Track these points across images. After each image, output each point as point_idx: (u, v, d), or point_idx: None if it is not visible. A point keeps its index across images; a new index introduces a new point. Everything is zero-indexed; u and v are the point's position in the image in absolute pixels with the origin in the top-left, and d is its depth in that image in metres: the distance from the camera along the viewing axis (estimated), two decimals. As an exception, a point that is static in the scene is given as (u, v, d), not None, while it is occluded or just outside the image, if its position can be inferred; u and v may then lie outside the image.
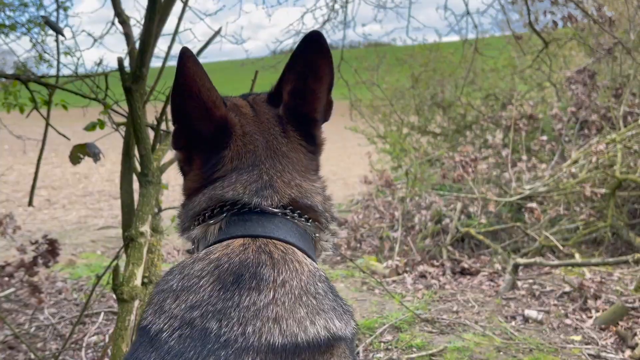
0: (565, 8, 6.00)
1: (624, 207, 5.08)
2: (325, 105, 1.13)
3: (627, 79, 5.90)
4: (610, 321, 3.45)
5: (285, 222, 1.02)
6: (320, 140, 1.16)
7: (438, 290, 4.32)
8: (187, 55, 0.99)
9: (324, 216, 1.11)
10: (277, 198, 1.04)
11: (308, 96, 1.09)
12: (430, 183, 6.27)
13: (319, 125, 1.14)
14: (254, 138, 1.08)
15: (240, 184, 1.04)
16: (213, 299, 0.88)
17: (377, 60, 8.86)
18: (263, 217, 1.01)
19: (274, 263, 0.93)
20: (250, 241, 0.97)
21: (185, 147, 1.11)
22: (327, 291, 0.95)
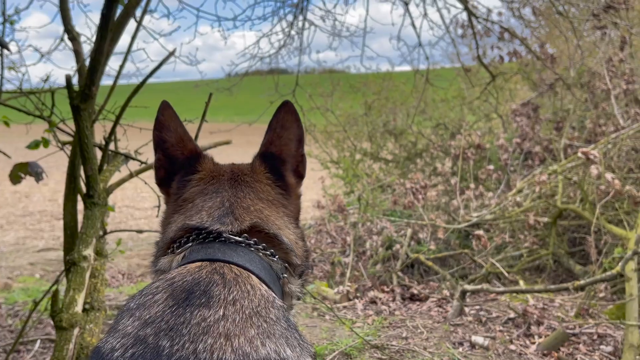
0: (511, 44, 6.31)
1: (565, 236, 5.30)
2: (297, 157, 1.25)
3: (567, 113, 6.22)
4: (552, 347, 3.55)
5: (248, 252, 1.05)
6: (290, 181, 1.24)
7: (388, 316, 4.34)
8: (166, 104, 1.25)
9: (295, 259, 1.13)
10: (237, 224, 1.09)
11: (276, 141, 1.24)
12: (381, 209, 6.35)
13: (287, 165, 1.24)
14: (223, 169, 1.23)
15: (205, 211, 1.12)
16: (166, 315, 0.89)
17: (331, 86, 8.99)
18: (225, 245, 1.05)
19: (225, 282, 0.95)
20: (207, 264, 1.00)
21: (165, 178, 1.27)
22: (280, 318, 0.95)
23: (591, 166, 4.32)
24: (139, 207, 10.38)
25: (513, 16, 5.84)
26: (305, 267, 1.19)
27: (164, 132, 1.25)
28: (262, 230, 1.10)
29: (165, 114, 1.24)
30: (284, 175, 1.23)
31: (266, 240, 1.10)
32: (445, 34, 5.94)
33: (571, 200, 4.92)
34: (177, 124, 1.25)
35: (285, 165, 1.24)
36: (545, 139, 5.90)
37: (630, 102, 5.38)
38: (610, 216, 4.59)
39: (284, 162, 1.24)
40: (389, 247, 5.45)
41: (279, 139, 1.23)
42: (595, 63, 6.05)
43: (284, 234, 1.13)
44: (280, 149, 1.24)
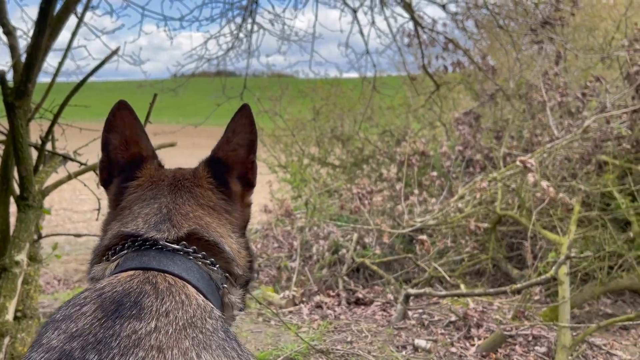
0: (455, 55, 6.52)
1: (503, 241, 5.50)
2: (246, 163, 1.21)
3: (506, 123, 6.48)
4: (490, 349, 3.67)
5: (185, 260, 1.01)
6: (235, 189, 1.19)
7: (333, 321, 4.36)
8: (122, 105, 1.20)
9: (237, 269, 1.09)
10: (175, 231, 1.04)
11: (224, 145, 1.21)
12: (328, 213, 6.39)
13: (233, 172, 1.20)
14: (164, 175, 1.19)
15: (141, 218, 1.07)
16: (94, 327, 0.84)
17: (280, 90, 8.98)
18: (160, 253, 1.00)
19: (157, 293, 0.91)
20: (140, 273, 0.96)
21: (107, 181, 1.24)
22: (217, 329, 0.92)
23: (528, 174, 4.51)
24: (77, 209, 9.97)
25: (457, 28, 6.04)
26: (248, 277, 1.15)
27: (111, 133, 1.21)
28: (201, 238, 1.06)
29: (116, 115, 1.20)
30: (228, 182, 1.19)
31: (206, 248, 1.06)
32: (392, 42, 6.07)
33: (509, 206, 5.12)
34: (128, 126, 1.20)
35: (231, 171, 1.20)
36: (486, 147, 6.11)
37: (564, 114, 5.66)
38: (545, 222, 4.81)
39: (230, 168, 1.20)
40: (335, 251, 5.48)
41: (228, 144, 1.20)
42: (533, 76, 6.35)
43: (226, 242, 1.09)
44: (227, 154, 1.20)
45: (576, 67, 7.07)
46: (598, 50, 6.94)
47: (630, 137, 4.89)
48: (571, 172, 5.09)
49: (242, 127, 1.18)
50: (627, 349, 3.83)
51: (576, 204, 4.61)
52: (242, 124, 1.18)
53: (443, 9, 5.66)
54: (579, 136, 5.03)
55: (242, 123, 1.18)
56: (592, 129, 5.07)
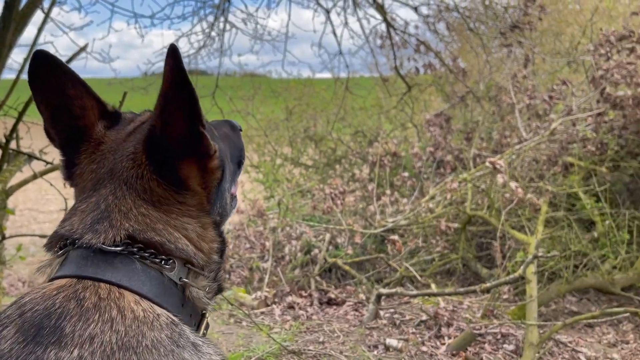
0: (427, 56, 6.60)
1: (473, 241, 5.59)
2: (190, 136, 0.94)
3: (476, 125, 6.59)
4: (460, 347, 3.72)
5: (127, 263, 0.88)
6: (186, 172, 0.96)
7: (305, 321, 4.36)
8: (40, 54, 0.97)
9: (198, 259, 0.96)
10: (112, 233, 0.91)
11: (158, 118, 0.94)
12: (301, 214, 6.38)
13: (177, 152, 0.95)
14: (105, 156, 0.98)
15: (77, 215, 0.94)
16: (14, 352, 0.75)
17: (252, 90, 8.93)
18: (98, 258, 0.88)
19: (81, 313, 0.80)
20: (72, 283, 0.85)
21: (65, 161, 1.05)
22: (161, 342, 0.82)
23: (497, 175, 4.60)
24: (43, 210, 9.73)
25: (429, 30, 6.12)
26: (218, 263, 1.02)
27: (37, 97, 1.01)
28: (146, 237, 0.92)
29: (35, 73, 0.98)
30: (176, 167, 0.96)
31: (153, 246, 0.92)
32: (364, 43, 6.11)
33: (479, 207, 5.20)
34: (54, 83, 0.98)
35: (176, 151, 0.95)
36: (456, 149, 6.20)
37: (532, 116, 5.79)
38: (513, 222, 4.91)
39: (173, 149, 0.95)
40: (307, 252, 5.48)
41: (162, 116, 0.93)
42: (502, 78, 6.47)
43: (180, 235, 0.95)
44: (165, 129, 0.93)
45: (544, 71, 7.24)
46: (564, 55, 7.12)
47: (595, 140, 5.03)
48: (539, 173, 5.21)
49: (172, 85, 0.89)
50: (592, 346, 3.93)
51: (543, 205, 4.72)
52: (171, 81, 0.88)
53: (415, 11, 5.73)
54: (546, 138, 5.15)
55: (170, 80, 0.88)
56: (559, 132, 5.19)
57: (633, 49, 5.20)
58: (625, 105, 4.96)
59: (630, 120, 5.03)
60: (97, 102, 1.04)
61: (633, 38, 5.26)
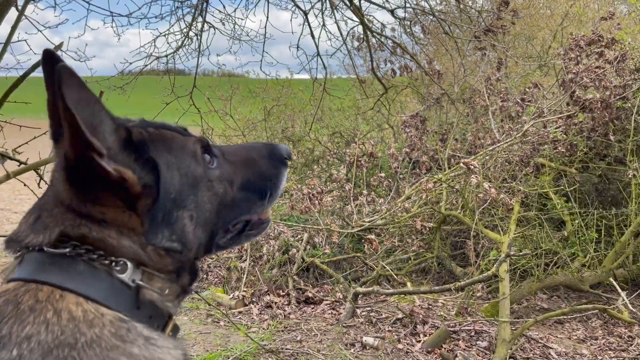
0: (403, 59, 6.68)
1: (448, 240, 5.69)
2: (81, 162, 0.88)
3: (451, 126, 6.70)
4: (435, 344, 3.80)
5: (74, 264, 0.88)
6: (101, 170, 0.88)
7: (283, 320, 4.38)
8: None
9: (147, 258, 0.93)
10: (49, 234, 0.90)
11: None
12: (279, 213, 6.40)
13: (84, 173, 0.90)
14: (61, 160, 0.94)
15: (25, 218, 0.94)
16: None
17: (230, 90, 8.92)
18: (47, 259, 0.88)
19: (17, 315, 0.81)
20: (17, 287, 0.86)
21: None
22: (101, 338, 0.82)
23: (471, 176, 4.69)
24: (16, 210, 9.53)
25: (405, 33, 6.19)
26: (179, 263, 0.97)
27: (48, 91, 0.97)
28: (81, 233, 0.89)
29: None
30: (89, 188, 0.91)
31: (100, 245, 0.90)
32: (342, 45, 6.14)
33: (454, 206, 5.30)
34: None
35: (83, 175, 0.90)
36: (432, 149, 6.30)
37: (505, 118, 5.92)
38: (487, 222, 5.01)
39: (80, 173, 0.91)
40: (285, 251, 5.50)
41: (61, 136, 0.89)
42: (476, 81, 6.60)
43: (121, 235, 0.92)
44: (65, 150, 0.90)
45: (516, 74, 7.40)
46: (536, 58, 7.30)
47: (565, 141, 5.17)
48: (511, 174, 5.33)
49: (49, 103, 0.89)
50: (562, 342, 4.05)
51: (516, 204, 4.83)
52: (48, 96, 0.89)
53: (392, 14, 5.79)
54: (519, 140, 5.27)
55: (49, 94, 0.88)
56: (531, 133, 5.32)
57: (601, 53, 5.37)
58: (594, 108, 5.11)
59: (599, 123, 5.19)
60: None
61: (602, 43, 5.42)
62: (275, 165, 1.15)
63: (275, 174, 1.14)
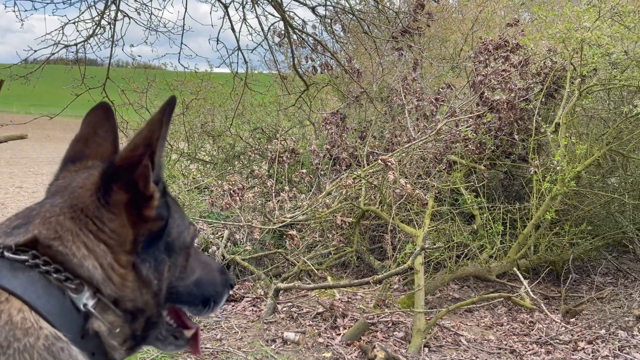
0: (324, 56, 6.76)
1: (367, 234, 5.84)
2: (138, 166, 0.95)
3: (370, 124, 6.87)
4: (354, 337, 3.89)
5: (29, 272, 0.85)
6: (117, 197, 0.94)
7: (202, 319, 4.30)
8: None
9: (107, 289, 0.90)
10: (22, 237, 0.88)
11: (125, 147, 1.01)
12: (198, 210, 6.27)
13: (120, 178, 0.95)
14: (72, 175, 1.01)
15: (6, 222, 0.93)
16: None
17: (146, 83, 8.58)
18: (6, 263, 0.86)
19: None
20: None
21: None
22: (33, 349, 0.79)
23: (389, 172, 4.85)
24: None
25: (325, 31, 6.27)
26: (137, 305, 0.94)
27: None
28: (43, 241, 0.87)
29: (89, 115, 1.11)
30: (111, 189, 0.94)
31: (57, 257, 0.87)
32: (263, 40, 6.12)
33: (372, 202, 5.45)
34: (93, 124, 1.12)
35: (119, 177, 0.94)
36: (351, 146, 6.43)
37: (420, 116, 6.16)
38: (403, 216, 5.20)
39: (118, 174, 0.95)
40: (205, 249, 5.40)
41: (128, 144, 0.97)
42: (393, 80, 6.81)
43: (91, 254, 0.90)
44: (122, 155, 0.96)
45: (431, 74, 7.72)
46: (449, 60, 7.66)
47: (475, 140, 5.47)
48: (426, 170, 5.56)
49: (149, 124, 0.94)
50: (471, 329, 4.29)
51: (430, 200, 5.05)
52: (151, 120, 0.94)
53: (312, 11, 5.84)
54: (433, 138, 5.51)
55: (151, 120, 0.94)
56: (444, 132, 5.58)
57: (507, 57, 5.73)
58: (501, 109, 5.46)
59: (505, 123, 5.54)
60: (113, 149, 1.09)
61: (507, 47, 5.79)
62: (224, 283, 1.18)
63: (221, 291, 1.16)
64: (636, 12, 4.94)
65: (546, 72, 5.70)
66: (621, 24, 4.95)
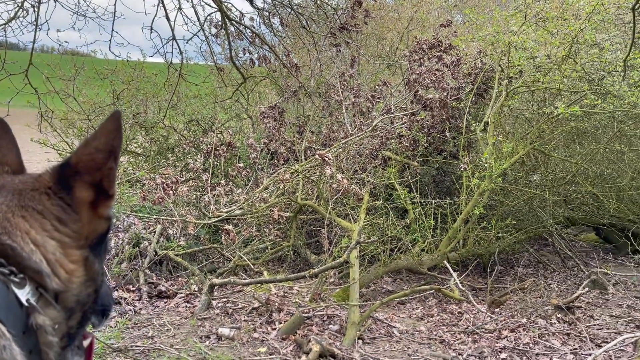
0: (262, 49, 6.69)
1: (303, 229, 5.87)
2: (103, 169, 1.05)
3: (308, 119, 6.89)
4: (290, 331, 3.90)
5: None
6: (80, 195, 1.01)
7: (133, 317, 4.17)
8: None
9: (52, 284, 0.91)
10: None
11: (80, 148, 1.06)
12: (129, 204, 6.05)
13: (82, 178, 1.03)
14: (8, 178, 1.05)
15: None
16: None
17: (74, 70, 8.16)
18: None
19: None
20: None
21: None
22: None
23: (326, 167, 4.89)
24: None
25: (264, 24, 6.20)
26: (82, 300, 0.96)
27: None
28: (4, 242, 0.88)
29: None
30: (73, 187, 1.00)
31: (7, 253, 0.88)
32: (199, 31, 5.96)
33: (309, 196, 5.48)
34: None
35: (81, 176, 1.01)
36: (289, 141, 6.43)
37: (357, 113, 6.25)
38: (339, 211, 5.27)
39: (80, 173, 1.01)
40: (136, 244, 5.23)
41: (84, 147, 1.03)
42: (331, 76, 6.86)
43: (38, 250, 0.91)
44: (80, 157, 1.02)
45: (367, 71, 7.85)
46: (385, 58, 7.81)
47: (409, 137, 5.62)
48: (362, 166, 5.66)
49: (105, 131, 1.02)
50: (404, 321, 4.42)
51: (365, 195, 5.14)
52: (106, 128, 1.02)
53: (250, 3, 5.76)
54: (369, 134, 5.61)
55: (106, 127, 1.02)
56: (379, 128, 5.69)
57: (441, 57, 5.91)
58: (434, 107, 5.63)
59: (437, 121, 5.72)
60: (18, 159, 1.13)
61: (441, 47, 5.98)
62: (112, 297, 1.20)
63: (111, 304, 1.16)
64: (558, 19, 5.23)
65: (476, 72, 5.93)
66: (545, 29, 5.24)
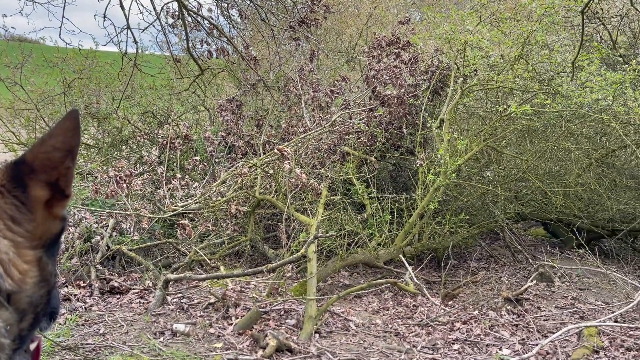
0: (220, 41, 6.59)
1: (261, 223, 5.84)
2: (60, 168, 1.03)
3: (266, 113, 6.85)
4: (246, 326, 3.88)
5: None
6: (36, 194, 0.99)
7: (84, 313, 4.05)
8: None
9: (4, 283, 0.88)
10: None
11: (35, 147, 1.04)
12: (80, 198, 5.86)
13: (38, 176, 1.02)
14: None
15: None
16: None
17: (21, 57, 7.81)
18: None
19: None
20: None
21: None
22: None
23: (285, 161, 4.87)
24: None
25: (222, 15, 6.11)
26: (34, 300, 0.95)
27: None
28: None
29: None
30: (27, 186, 0.99)
31: None
32: (155, 20, 5.81)
33: (268, 191, 5.45)
34: None
35: (36, 175, 0.99)
36: (248, 135, 6.37)
37: (316, 107, 6.25)
38: (298, 205, 5.26)
39: (35, 172, 0.99)
40: (87, 239, 5.07)
41: (40, 146, 1.00)
42: (291, 70, 6.83)
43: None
44: (37, 156, 1.00)
45: (327, 66, 7.86)
46: (344, 53, 7.84)
47: (367, 132, 5.67)
48: (320, 161, 5.67)
49: (62, 129, 0.99)
50: (360, 314, 4.47)
51: (324, 189, 5.16)
52: (63, 127, 0.99)
53: (209, -7, 5.66)
54: (328, 129, 5.62)
55: (63, 126, 0.99)
56: (338, 123, 5.71)
57: (399, 54, 5.98)
58: (391, 104, 5.70)
59: (395, 117, 5.79)
60: None
61: (399, 44, 6.05)
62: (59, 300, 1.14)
63: (59, 307, 1.12)
64: (512, 19, 5.38)
65: (433, 70, 6.03)
66: (499, 30, 5.38)
